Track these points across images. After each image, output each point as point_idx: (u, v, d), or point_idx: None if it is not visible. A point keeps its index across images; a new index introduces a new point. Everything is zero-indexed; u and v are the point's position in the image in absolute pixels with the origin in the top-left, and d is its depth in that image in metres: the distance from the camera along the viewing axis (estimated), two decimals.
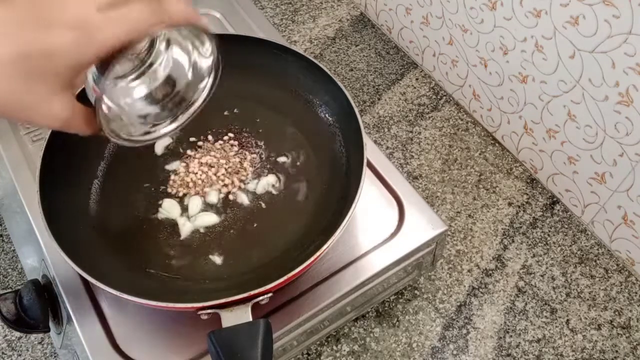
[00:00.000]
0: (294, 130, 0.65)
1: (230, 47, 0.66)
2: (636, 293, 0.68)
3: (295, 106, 0.66)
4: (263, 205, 0.60)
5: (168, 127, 0.47)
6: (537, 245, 0.71)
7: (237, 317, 0.48)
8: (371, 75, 0.87)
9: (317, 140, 0.64)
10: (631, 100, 0.59)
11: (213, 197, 0.61)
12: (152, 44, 0.43)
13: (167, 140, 0.64)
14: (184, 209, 0.60)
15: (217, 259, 0.57)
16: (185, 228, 0.59)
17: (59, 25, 0.34)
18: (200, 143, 0.64)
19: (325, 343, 0.64)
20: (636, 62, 0.56)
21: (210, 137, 0.65)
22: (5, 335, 0.65)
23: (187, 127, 0.48)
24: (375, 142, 0.79)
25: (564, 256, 0.70)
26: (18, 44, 0.34)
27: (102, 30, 0.35)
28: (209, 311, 0.49)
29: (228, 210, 0.60)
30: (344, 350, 0.63)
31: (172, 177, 0.62)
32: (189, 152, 0.64)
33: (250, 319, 0.48)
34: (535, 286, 0.68)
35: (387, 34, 0.92)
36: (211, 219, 0.59)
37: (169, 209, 0.60)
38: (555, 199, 0.75)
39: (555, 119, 0.69)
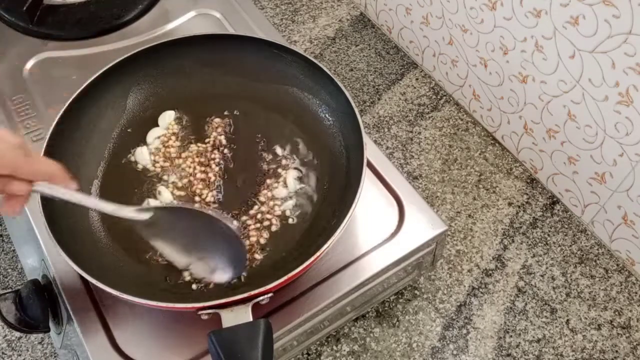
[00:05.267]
0: (294, 131, 0.65)
1: (231, 47, 0.66)
2: (636, 293, 0.68)
3: (295, 106, 0.65)
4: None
5: None
6: (537, 245, 0.71)
7: (237, 317, 0.48)
8: (371, 75, 0.87)
9: (317, 141, 0.63)
10: (631, 100, 0.59)
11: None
12: None
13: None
14: None
15: None
16: None
17: None
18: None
19: (325, 343, 0.64)
20: (636, 62, 0.56)
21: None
22: (5, 335, 0.65)
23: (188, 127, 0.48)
24: (375, 142, 0.79)
25: (564, 256, 0.70)
26: None
27: None
28: (209, 311, 0.49)
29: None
30: (344, 350, 0.63)
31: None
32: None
33: (251, 319, 0.48)
34: (535, 286, 0.68)
35: (387, 34, 0.92)
36: None
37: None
38: (555, 199, 0.75)
39: (555, 119, 0.69)
